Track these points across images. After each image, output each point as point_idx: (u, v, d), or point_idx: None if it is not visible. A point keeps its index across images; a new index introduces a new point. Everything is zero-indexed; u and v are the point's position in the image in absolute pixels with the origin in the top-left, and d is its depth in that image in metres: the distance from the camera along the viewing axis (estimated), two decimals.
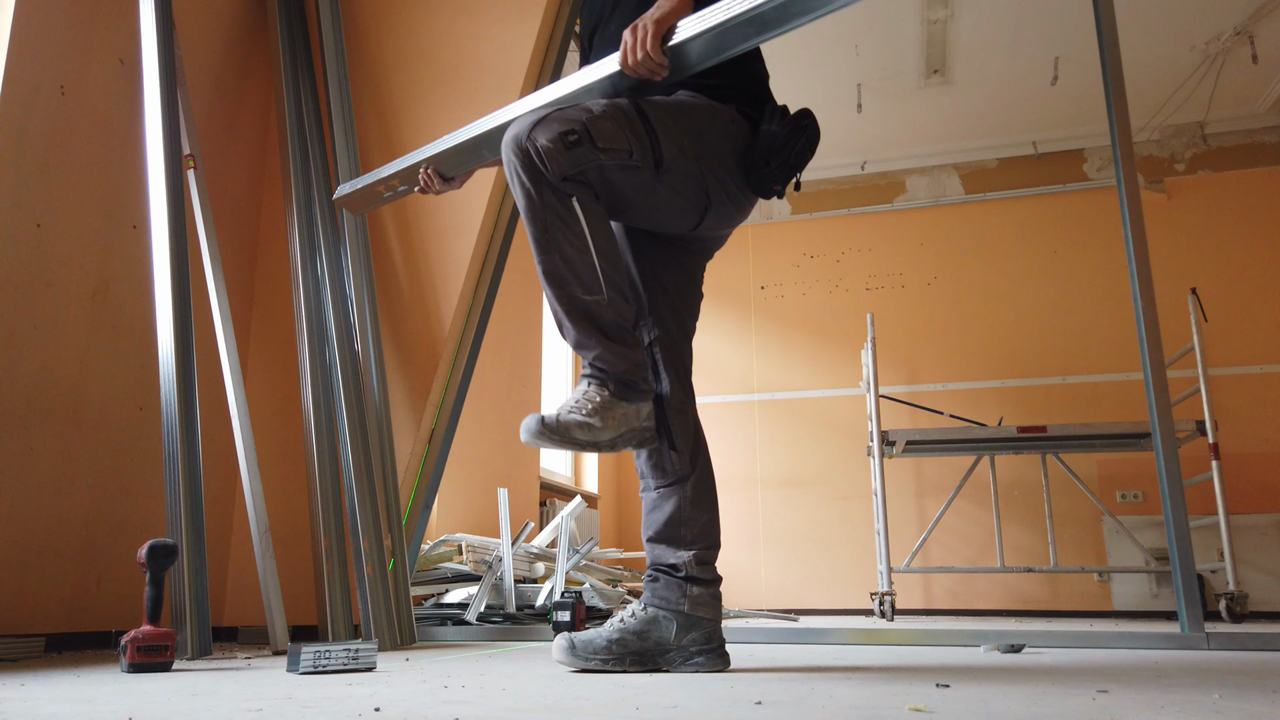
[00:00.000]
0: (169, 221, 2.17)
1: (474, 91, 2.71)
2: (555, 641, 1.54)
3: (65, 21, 2.10)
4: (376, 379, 2.47)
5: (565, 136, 1.38)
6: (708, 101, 1.59)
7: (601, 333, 1.44)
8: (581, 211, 1.43)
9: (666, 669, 1.54)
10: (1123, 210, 2.47)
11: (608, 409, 1.42)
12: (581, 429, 1.39)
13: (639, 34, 1.42)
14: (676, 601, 1.55)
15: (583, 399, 1.42)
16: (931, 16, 4.30)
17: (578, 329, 1.44)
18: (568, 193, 1.42)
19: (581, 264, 1.43)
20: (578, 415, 1.39)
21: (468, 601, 2.71)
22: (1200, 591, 2.32)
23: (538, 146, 1.38)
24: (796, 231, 5.77)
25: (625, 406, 1.44)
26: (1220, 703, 1.11)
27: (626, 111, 1.45)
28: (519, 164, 1.40)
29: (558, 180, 1.40)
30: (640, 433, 1.47)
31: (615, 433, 1.42)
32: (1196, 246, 5.06)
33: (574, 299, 1.43)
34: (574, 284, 1.43)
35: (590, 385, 1.45)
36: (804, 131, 1.58)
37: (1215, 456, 3.97)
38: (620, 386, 1.44)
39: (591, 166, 1.41)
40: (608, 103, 1.46)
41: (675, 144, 1.49)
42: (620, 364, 1.44)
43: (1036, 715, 0.98)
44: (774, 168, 1.56)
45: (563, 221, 1.42)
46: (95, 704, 1.10)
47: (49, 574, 1.96)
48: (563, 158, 1.38)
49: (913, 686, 1.28)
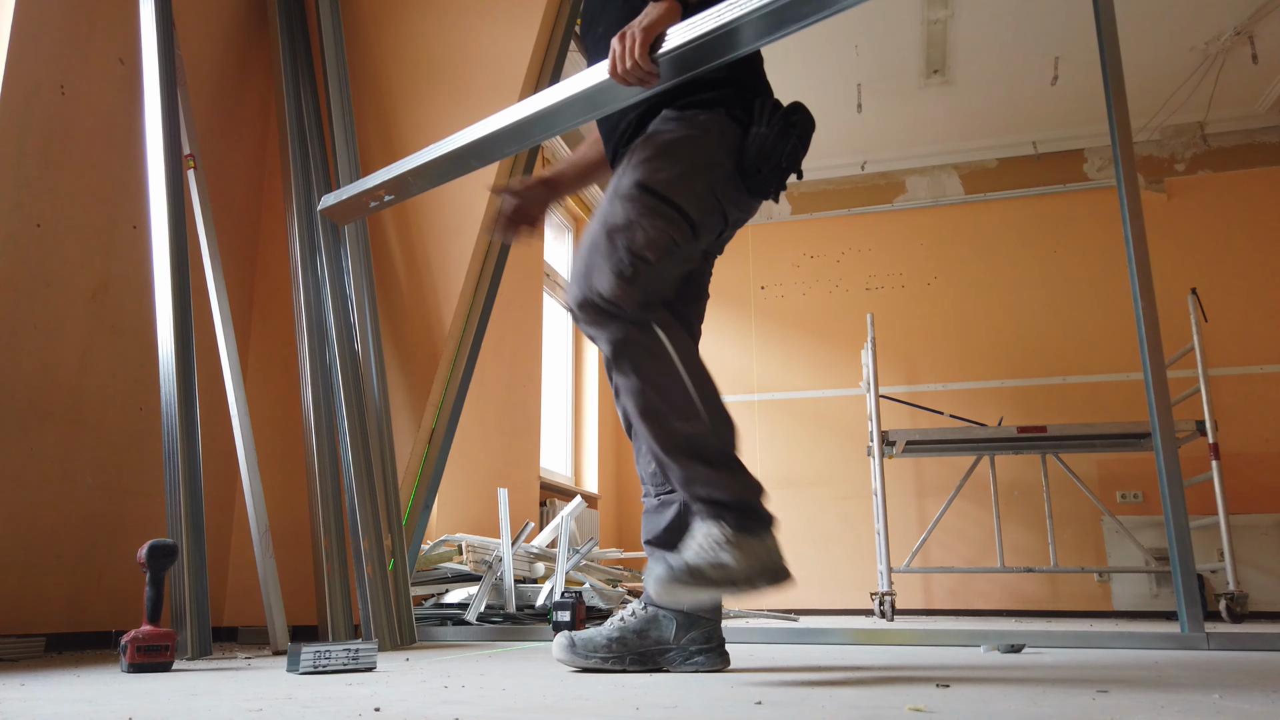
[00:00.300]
0: (169, 221, 2.17)
1: (474, 92, 2.71)
2: (555, 640, 1.54)
3: (65, 21, 2.10)
4: (376, 379, 2.47)
5: (621, 275, 1.38)
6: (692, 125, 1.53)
7: (708, 464, 1.37)
8: (665, 336, 1.41)
9: (667, 668, 1.53)
10: (1123, 210, 2.47)
11: (734, 545, 1.33)
12: (715, 569, 1.30)
13: (627, 42, 1.38)
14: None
15: (705, 539, 1.35)
16: (931, 16, 4.30)
17: (682, 466, 1.38)
18: (646, 320, 1.40)
19: (676, 393, 1.39)
20: (707, 556, 1.31)
21: (468, 601, 2.71)
22: (1200, 591, 2.32)
23: (603, 295, 1.37)
24: (796, 231, 5.77)
25: (750, 540, 1.35)
26: (1220, 703, 1.11)
27: (646, 203, 1.43)
28: (591, 319, 1.40)
29: (637, 313, 1.39)
30: (773, 570, 1.35)
31: (749, 569, 1.33)
32: (1196, 246, 5.06)
33: (674, 434, 1.38)
34: (672, 416, 1.38)
35: (708, 524, 1.36)
36: (793, 129, 1.53)
37: (1215, 456, 3.97)
38: (739, 517, 1.36)
39: (656, 281, 1.41)
40: (624, 206, 1.43)
41: (694, 197, 1.48)
42: (733, 491, 1.37)
43: (1036, 715, 0.98)
44: (767, 174, 1.53)
45: (649, 354, 1.39)
46: (95, 704, 1.10)
47: (49, 574, 1.96)
48: (632, 293, 1.38)
49: (913, 686, 1.29)
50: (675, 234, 1.44)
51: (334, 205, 1.85)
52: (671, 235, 1.43)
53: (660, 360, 1.39)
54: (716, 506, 1.36)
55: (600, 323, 1.39)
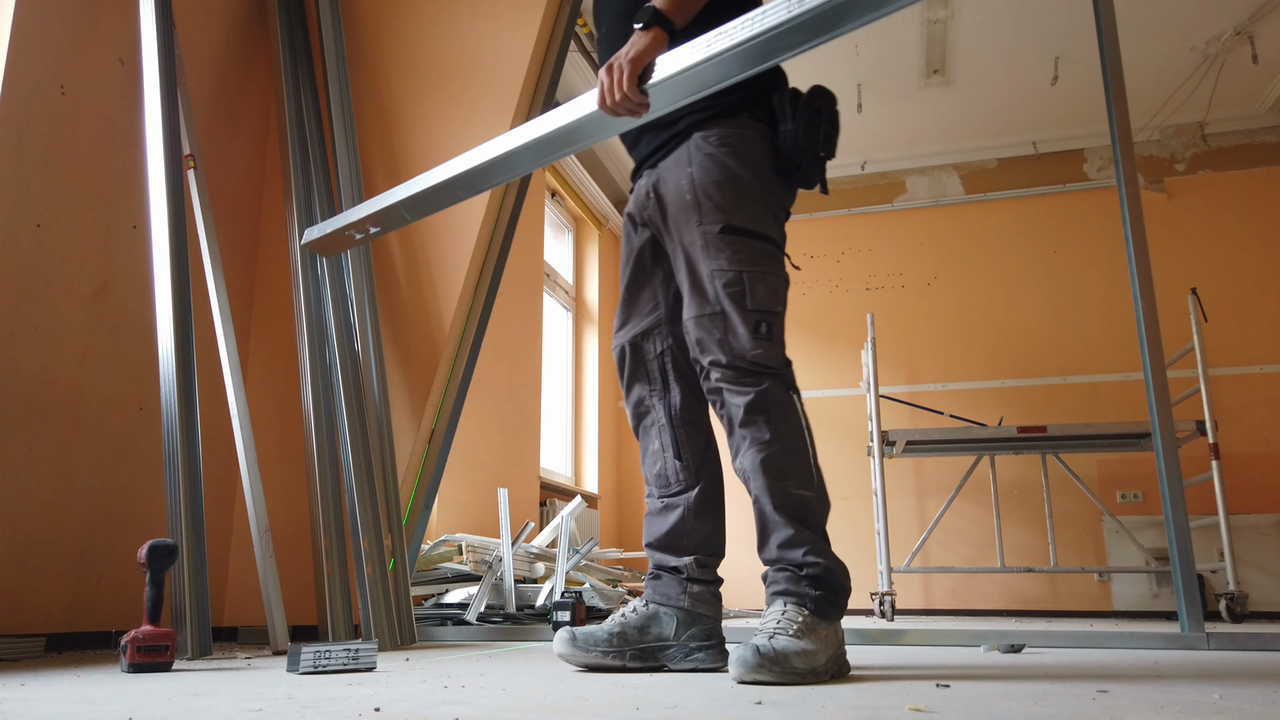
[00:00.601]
0: (169, 221, 2.17)
1: (474, 91, 2.71)
2: (557, 635, 1.54)
3: (65, 21, 2.10)
4: (376, 379, 2.47)
5: (758, 333, 1.45)
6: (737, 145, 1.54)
7: (812, 529, 1.44)
8: (798, 399, 1.49)
9: (667, 664, 1.53)
10: (1123, 210, 2.47)
11: (812, 629, 1.35)
12: (801, 657, 1.30)
13: (615, 74, 1.37)
14: (677, 598, 1.55)
15: (784, 620, 1.36)
16: (931, 16, 4.30)
17: (789, 526, 1.42)
18: (791, 379, 1.49)
19: (800, 456, 1.45)
20: (789, 641, 1.31)
21: (468, 601, 2.71)
22: (1200, 591, 2.32)
23: (747, 357, 1.45)
24: (796, 231, 5.77)
25: (826, 626, 1.39)
26: (1220, 703, 1.11)
27: (749, 248, 1.49)
28: (736, 379, 1.46)
29: (783, 368, 1.47)
30: (841, 659, 1.41)
31: (828, 656, 1.35)
32: (1197, 246, 5.06)
33: (790, 496, 1.44)
34: (792, 477, 1.44)
35: (787, 604, 1.39)
36: (820, 116, 1.54)
37: (1215, 456, 3.97)
38: (820, 602, 1.40)
39: (783, 327, 1.49)
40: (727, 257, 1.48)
41: (772, 221, 1.54)
42: (830, 561, 1.43)
43: (1036, 715, 0.98)
44: (807, 168, 1.56)
45: (785, 414, 1.45)
46: (95, 704, 1.10)
47: (49, 574, 1.96)
48: (773, 349, 1.46)
49: (913, 686, 1.28)
50: (780, 269, 1.52)
51: (317, 239, 1.83)
52: (781, 275, 1.51)
53: (793, 421, 1.46)
54: (800, 586, 1.40)
55: (745, 382, 1.45)
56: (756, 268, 1.49)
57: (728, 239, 1.49)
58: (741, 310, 1.46)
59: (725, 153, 1.53)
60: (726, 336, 1.46)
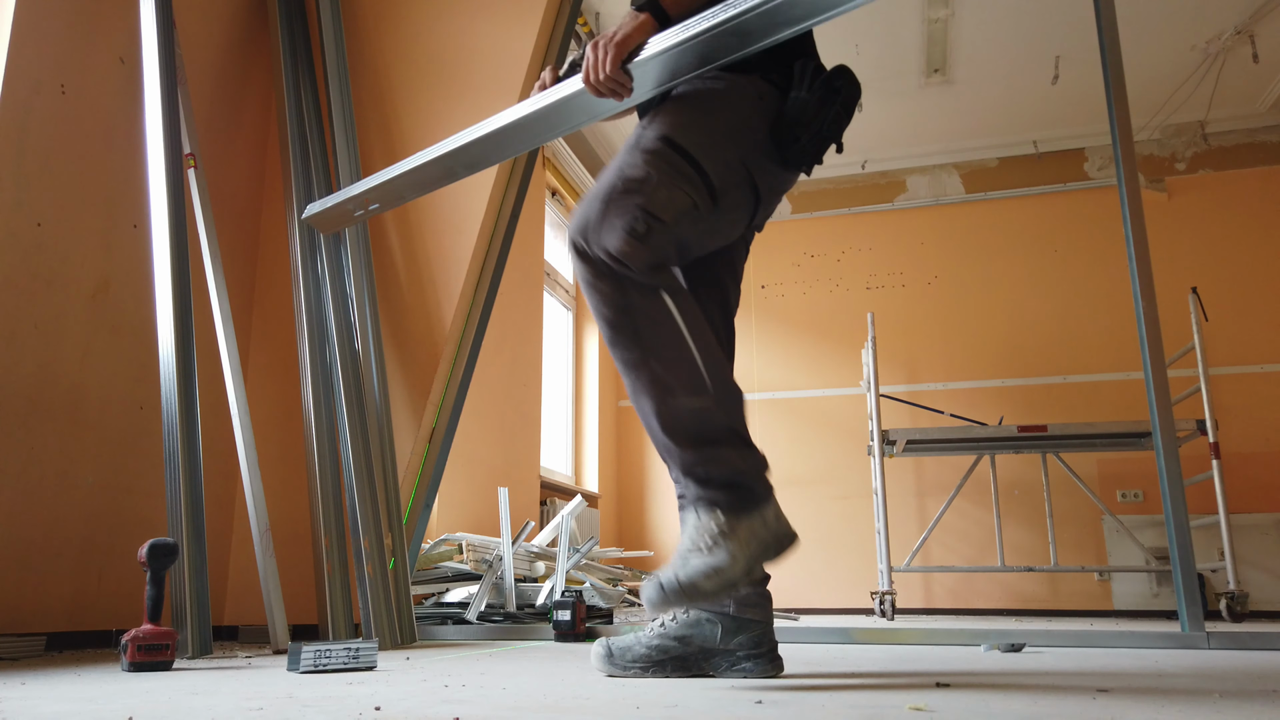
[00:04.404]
0: (169, 221, 2.17)
1: (475, 91, 2.70)
2: (593, 649, 1.46)
3: (66, 20, 2.10)
4: (377, 378, 2.47)
5: (633, 231, 1.27)
6: (729, 81, 1.44)
7: (710, 442, 1.29)
8: (672, 303, 1.30)
9: (712, 673, 1.42)
10: (1123, 209, 2.46)
11: (729, 534, 1.25)
12: (709, 578, 1.21)
13: (599, 53, 1.34)
14: (721, 603, 1.41)
15: (696, 535, 1.26)
16: (932, 15, 4.30)
17: (683, 448, 1.29)
18: (655, 285, 1.29)
19: (682, 365, 1.29)
20: (699, 561, 1.23)
21: (468, 600, 2.71)
22: (1201, 591, 2.32)
23: (610, 251, 1.27)
24: (797, 231, 5.77)
25: (748, 520, 1.26)
26: (1220, 703, 1.11)
27: (669, 160, 1.34)
28: (594, 275, 1.29)
29: (644, 275, 1.28)
30: (776, 540, 1.27)
31: (747, 558, 1.24)
32: (1197, 246, 5.06)
33: (678, 409, 1.28)
34: (678, 391, 1.28)
35: (699, 512, 1.28)
36: (837, 95, 1.42)
37: (1216, 456, 3.97)
38: (734, 498, 1.27)
39: (669, 245, 1.30)
40: (644, 159, 1.34)
41: (720, 162, 1.38)
42: (732, 467, 1.28)
43: (1036, 715, 0.98)
44: (805, 143, 1.42)
45: (653, 322, 1.29)
46: (96, 703, 1.10)
47: (49, 573, 1.97)
48: (642, 252, 1.27)
49: (913, 686, 1.28)
50: (696, 197, 1.34)
51: (318, 214, 1.83)
52: (692, 198, 1.33)
53: (666, 329, 1.29)
54: (711, 488, 1.28)
55: (601, 280, 1.29)
56: (671, 180, 1.32)
57: (660, 148, 1.35)
58: (627, 202, 1.29)
59: (712, 84, 1.44)
60: (600, 225, 1.29)
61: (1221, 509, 3.88)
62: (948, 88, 4.91)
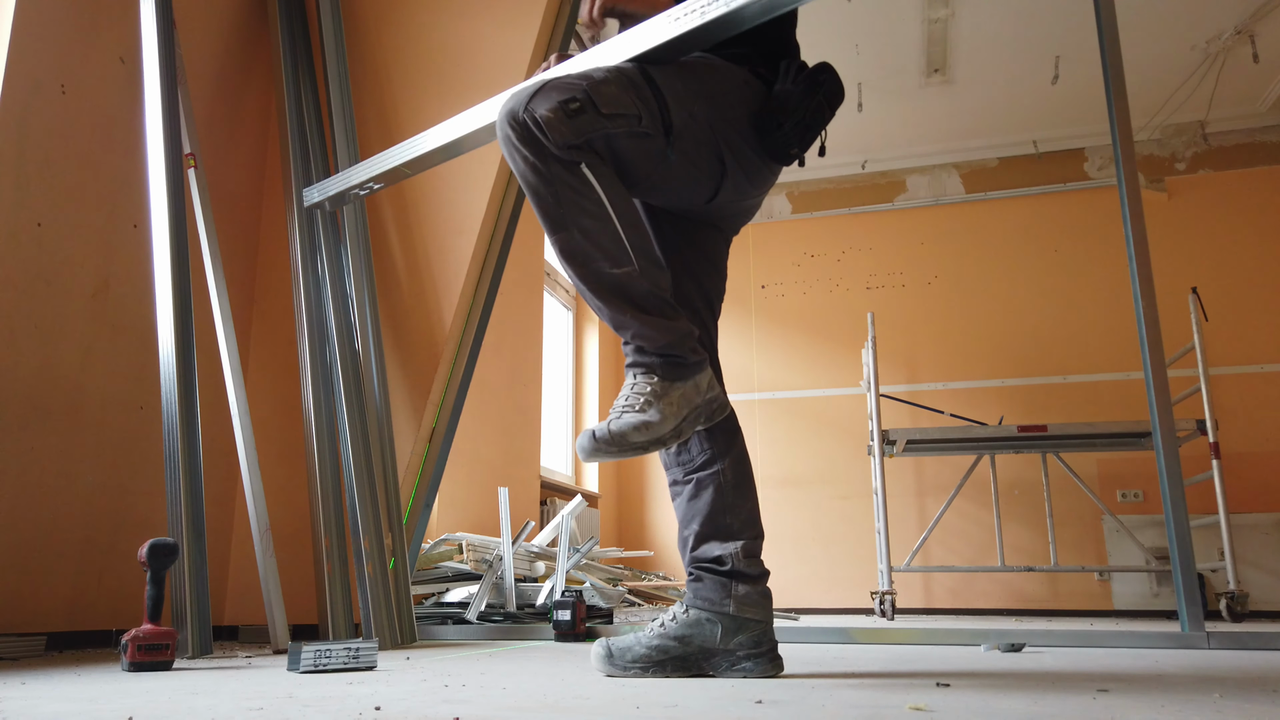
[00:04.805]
0: (169, 220, 2.17)
1: (474, 91, 2.70)
2: (593, 649, 1.47)
3: (66, 20, 2.10)
4: (377, 378, 2.47)
5: (566, 105, 1.27)
6: (720, 61, 1.49)
7: (637, 307, 1.32)
8: (594, 177, 1.31)
9: (712, 673, 1.43)
10: (1123, 209, 2.46)
11: (661, 396, 1.30)
12: (639, 430, 1.27)
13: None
14: (721, 602, 1.43)
15: (631, 394, 1.31)
16: (932, 15, 4.30)
17: (610, 307, 1.32)
18: (575, 160, 1.30)
19: (604, 235, 1.31)
20: (631, 417, 1.28)
21: (468, 600, 2.71)
22: (1201, 591, 2.32)
23: (536, 117, 1.27)
24: (797, 231, 5.77)
25: (680, 385, 1.32)
26: (1220, 703, 1.11)
27: (631, 75, 1.36)
28: (516, 137, 1.29)
29: (562, 150, 1.28)
30: (707, 406, 1.35)
31: (678, 419, 1.30)
32: (1197, 246, 5.06)
33: (601, 276, 1.31)
34: (599, 259, 1.31)
35: (636, 375, 1.33)
36: (820, 88, 1.47)
37: (1216, 456, 3.97)
38: (668, 366, 1.32)
39: (597, 135, 1.30)
40: (610, 67, 1.37)
41: (685, 108, 1.39)
42: (662, 337, 1.32)
43: (1036, 715, 0.98)
44: (788, 130, 1.45)
45: (575, 192, 1.30)
46: (96, 703, 1.10)
47: (49, 573, 1.97)
48: (565, 126, 1.27)
49: (913, 686, 1.29)
50: (645, 114, 1.34)
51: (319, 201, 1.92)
52: (639, 112, 1.33)
53: (588, 199, 1.31)
54: (645, 356, 1.33)
55: (524, 144, 1.29)
56: (625, 88, 1.34)
57: (629, 66, 1.38)
58: (579, 80, 1.31)
59: (707, 58, 1.49)
60: (537, 92, 1.30)
61: (1221, 509, 3.88)
62: (948, 88, 4.91)
